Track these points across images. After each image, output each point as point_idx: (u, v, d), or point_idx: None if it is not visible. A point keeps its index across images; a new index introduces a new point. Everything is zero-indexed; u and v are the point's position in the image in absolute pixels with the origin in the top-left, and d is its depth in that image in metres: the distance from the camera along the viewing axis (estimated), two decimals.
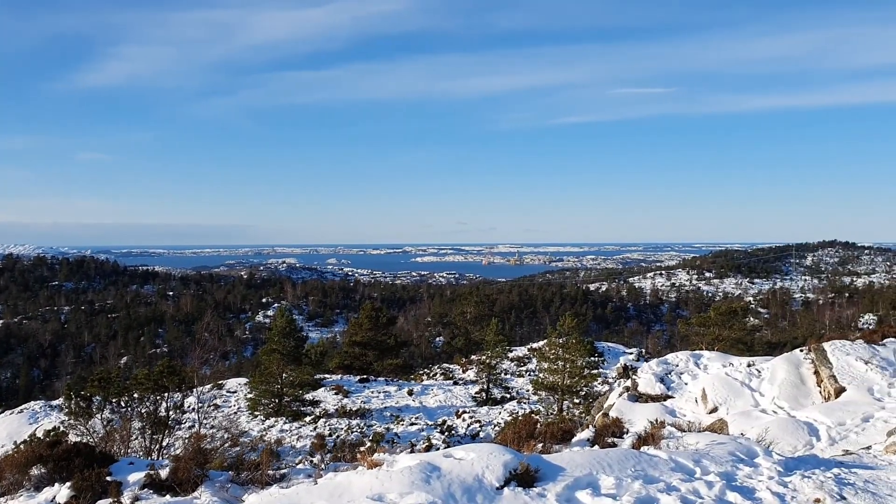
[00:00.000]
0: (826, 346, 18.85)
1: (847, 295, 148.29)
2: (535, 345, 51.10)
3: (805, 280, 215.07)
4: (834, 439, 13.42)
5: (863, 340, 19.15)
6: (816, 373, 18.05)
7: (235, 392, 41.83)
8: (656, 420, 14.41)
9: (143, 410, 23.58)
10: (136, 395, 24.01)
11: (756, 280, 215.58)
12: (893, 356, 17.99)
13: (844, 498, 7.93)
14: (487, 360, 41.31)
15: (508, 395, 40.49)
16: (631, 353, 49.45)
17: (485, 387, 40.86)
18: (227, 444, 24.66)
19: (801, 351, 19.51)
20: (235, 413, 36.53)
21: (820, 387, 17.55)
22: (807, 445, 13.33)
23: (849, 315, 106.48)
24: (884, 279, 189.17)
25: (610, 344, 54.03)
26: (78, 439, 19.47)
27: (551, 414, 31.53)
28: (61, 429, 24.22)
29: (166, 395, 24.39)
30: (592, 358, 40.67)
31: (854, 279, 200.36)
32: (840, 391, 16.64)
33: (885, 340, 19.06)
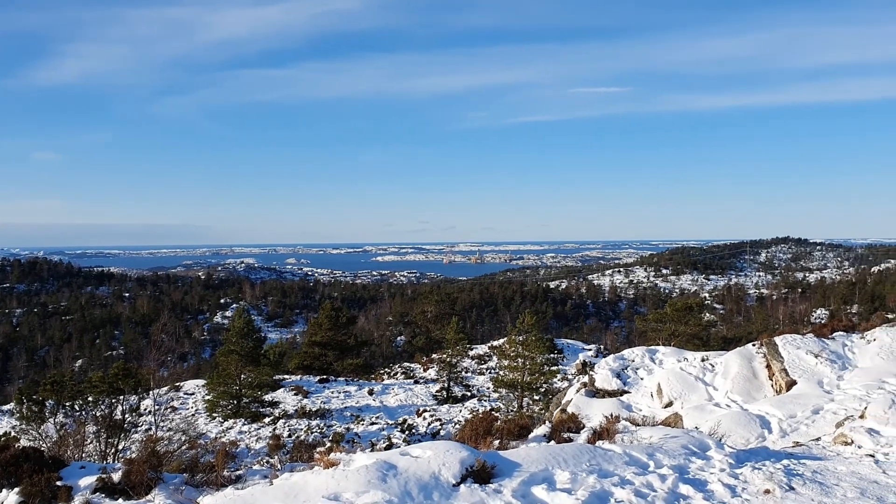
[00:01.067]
0: (778, 340, 19.15)
1: (800, 290, 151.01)
2: (495, 343, 50.93)
3: (759, 276, 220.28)
4: (785, 431, 13.68)
5: (813, 335, 19.50)
6: (768, 367, 18.30)
7: (193, 394, 41.19)
8: (612, 415, 14.09)
9: (97, 414, 23.16)
10: (90, 399, 23.57)
11: (711, 276, 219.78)
12: (842, 349, 18.31)
13: (793, 488, 8.10)
14: (448, 359, 41.29)
15: (469, 393, 40.50)
16: (590, 350, 49.51)
17: (445, 385, 40.83)
18: (184, 447, 24.37)
19: (754, 345, 19.80)
20: (193, 415, 36.07)
21: (772, 380, 17.80)
22: (759, 438, 13.56)
23: (801, 310, 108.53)
24: (835, 275, 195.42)
25: (569, 341, 54.27)
26: (30, 444, 19.05)
27: (511, 411, 31.59)
28: (13, 434, 23.67)
29: (122, 397, 23.96)
30: (552, 355, 40.29)
31: (806, 275, 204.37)
32: (791, 384, 16.92)
33: (834, 334, 19.42)
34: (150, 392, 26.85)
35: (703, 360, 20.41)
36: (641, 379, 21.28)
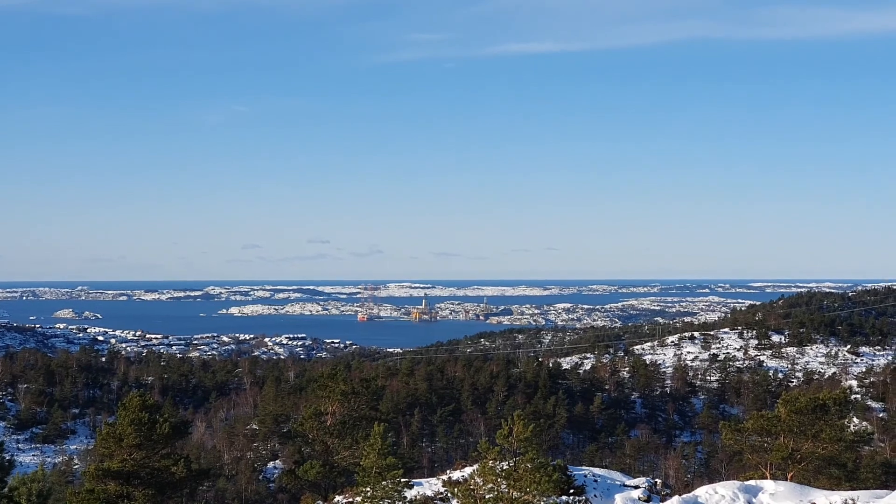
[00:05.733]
0: None
1: None
2: (456, 473, 36.49)
3: None
4: None
5: None
6: None
7: None
8: None
9: None
10: None
11: (863, 349, 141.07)
12: None
13: None
14: None
15: None
16: (636, 488, 35.22)
17: None
18: None
19: None
20: None
21: None
22: None
23: None
24: None
25: (599, 471, 39.05)
26: None
27: None
28: None
29: None
30: (565, 497, 30.54)
31: None
32: None
33: None
34: None
35: None
36: None
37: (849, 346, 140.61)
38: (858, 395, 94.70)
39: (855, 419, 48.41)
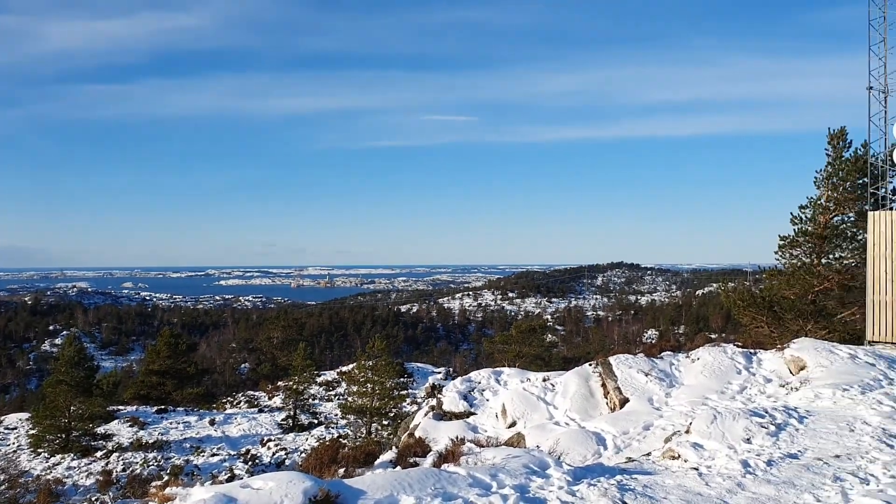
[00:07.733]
0: (612, 359, 19.70)
1: (632, 312, 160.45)
2: (344, 368, 50.32)
3: (596, 299, 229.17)
4: (619, 447, 14.13)
5: (644, 354, 20.18)
6: (604, 385, 18.75)
7: (16, 428, 38.29)
8: (458, 437, 14.91)
9: None
10: None
11: (553, 299, 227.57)
12: (670, 368, 19.08)
13: (626, 503, 8.48)
14: (295, 386, 40.42)
15: (317, 421, 39.95)
16: (439, 373, 50.05)
17: (292, 413, 40.03)
18: (2, 487, 22.58)
19: (590, 365, 20.31)
20: (15, 452, 33.65)
21: (607, 398, 18.26)
22: (595, 454, 13.96)
23: (634, 331, 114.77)
24: (664, 297, 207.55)
25: (419, 364, 55.10)
26: None
27: (359, 437, 31.53)
28: None
29: None
30: (402, 379, 41.39)
31: (638, 298, 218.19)
32: (624, 402, 17.45)
33: (662, 354, 20.09)
34: None
35: (544, 381, 20.70)
36: (487, 400, 21.43)
37: (546, 298, 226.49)
38: (551, 323, 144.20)
39: (549, 336, 60.53)
